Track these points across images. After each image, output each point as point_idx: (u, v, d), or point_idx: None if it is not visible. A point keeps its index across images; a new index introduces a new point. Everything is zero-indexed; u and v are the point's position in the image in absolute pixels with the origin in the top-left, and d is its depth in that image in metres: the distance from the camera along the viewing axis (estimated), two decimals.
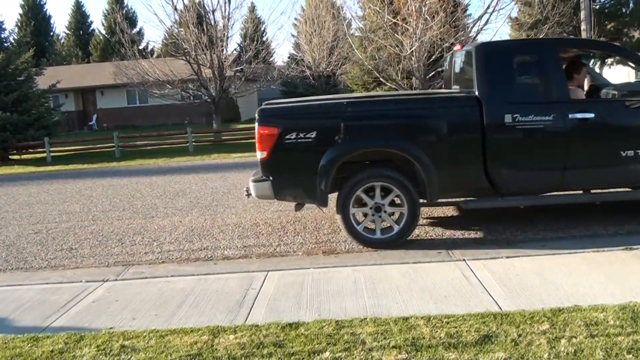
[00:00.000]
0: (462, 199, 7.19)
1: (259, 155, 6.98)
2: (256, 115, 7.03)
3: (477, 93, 6.93)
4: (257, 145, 7.02)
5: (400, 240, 6.92)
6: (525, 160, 7.00)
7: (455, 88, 8.12)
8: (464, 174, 7.00)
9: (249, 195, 7.75)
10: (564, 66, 7.40)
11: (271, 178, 6.99)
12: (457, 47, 8.37)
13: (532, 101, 7.01)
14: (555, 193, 7.45)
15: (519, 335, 4.27)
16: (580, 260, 5.99)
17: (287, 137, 6.82)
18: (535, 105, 6.90)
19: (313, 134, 6.81)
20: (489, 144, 6.83)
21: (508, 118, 6.79)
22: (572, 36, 29.04)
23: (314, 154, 6.82)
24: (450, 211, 8.49)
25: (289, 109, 7.66)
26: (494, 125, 6.81)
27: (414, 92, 8.11)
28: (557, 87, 7.02)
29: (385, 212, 6.91)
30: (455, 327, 4.47)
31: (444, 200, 7.57)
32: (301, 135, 6.81)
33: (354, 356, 4.14)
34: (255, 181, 7.12)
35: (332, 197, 7.25)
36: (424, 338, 4.33)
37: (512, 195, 7.15)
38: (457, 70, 8.28)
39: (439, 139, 6.95)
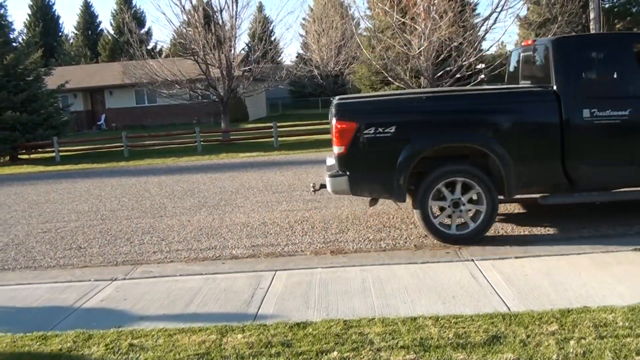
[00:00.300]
0: (539, 195, 7.15)
1: (337, 150, 6.89)
2: (333, 109, 6.96)
3: (555, 87, 6.87)
4: (333, 140, 6.96)
5: (478, 236, 6.86)
6: (602, 155, 6.95)
7: (525, 84, 8.00)
8: (542, 169, 6.93)
9: (316, 190, 7.82)
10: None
11: (348, 173, 6.91)
12: (526, 42, 8.25)
13: (610, 96, 6.94)
14: (631, 189, 7.36)
15: (528, 336, 4.26)
16: (589, 260, 5.96)
17: (366, 131, 6.74)
18: (613, 100, 6.84)
19: (392, 129, 6.72)
20: (567, 139, 6.77)
21: (586, 113, 6.74)
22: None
23: (393, 148, 6.76)
24: None
25: (368, 103, 7.60)
26: (572, 120, 6.76)
27: (493, 86, 8.00)
28: (633, 82, 6.96)
29: (464, 207, 6.84)
30: (464, 328, 4.47)
31: (520, 196, 7.49)
32: (380, 130, 6.72)
33: (362, 356, 4.14)
34: (331, 176, 7.03)
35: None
36: (432, 338, 4.32)
37: (588, 191, 7.07)
38: (525, 65, 8.16)
39: (518, 134, 6.89)
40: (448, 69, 22.75)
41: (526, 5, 27.95)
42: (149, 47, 33.31)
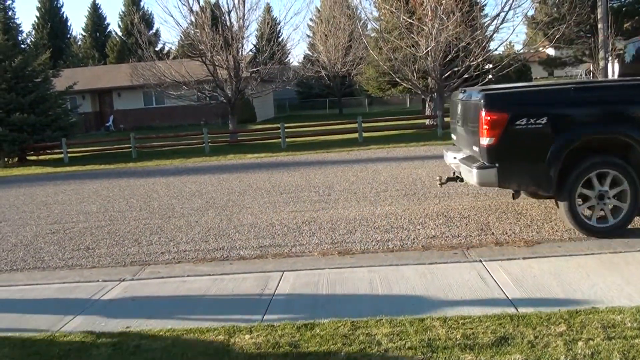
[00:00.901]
0: None
1: (486, 141, 6.78)
2: (481, 100, 6.83)
3: None
4: (482, 131, 6.82)
5: (622, 229, 6.77)
6: None
7: None
8: None
9: (442, 184, 7.96)
10: None
11: (497, 165, 6.81)
12: None
13: None
14: None
15: (536, 337, 4.24)
16: (597, 261, 5.94)
17: (517, 122, 6.65)
18: None
19: (543, 120, 6.62)
20: None
21: None
22: (588, 35, 28.88)
23: (544, 140, 6.66)
24: (466, 211, 8.46)
25: (520, 94, 7.55)
26: None
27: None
28: None
29: (608, 200, 6.74)
30: (472, 329, 4.46)
31: None
32: (531, 121, 6.63)
33: (369, 357, 4.14)
34: (480, 168, 6.90)
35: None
36: (439, 339, 4.32)
37: None
38: None
39: None
40: (456, 69, 22.74)
41: (534, 4, 27.92)
42: (157, 49, 33.36)
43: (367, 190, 10.96)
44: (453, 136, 8.70)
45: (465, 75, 22.67)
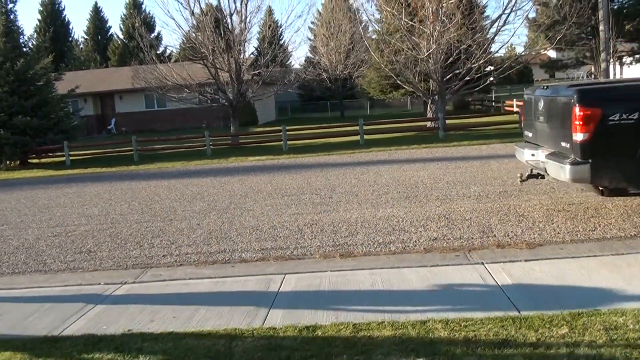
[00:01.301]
0: None
1: (579, 137, 6.78)
2: (574, 96, 6.83)
3: None
4: (574, 127, 6.82)
5: None
6: None
7: None
8: None
9: (523, 181, 8.05)
10: None
11: (590, 161, 6.79)
12: None
13: None
14: None
15: (538, 339, 4.24)
16: (599, 263, 5.93)
17: (610, 118, 6.66)
18: None
19: (635, 115, 6.65)
20: None
21: None
22: (590, 37, 28.86)
23: (636, 135, 6.68)
24: (468, 214, 8.46)
25: (612, 89, 7.56)
26: None
27: None
28: None
29: None
30: (474, 331, 4.45)
31: None
32: (624, 116, 6.65)
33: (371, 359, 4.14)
34: (573, 164, 6.88)
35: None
36: (441, 342, 4.31)
37: None
38: None
39: None
40: (457, 71, 22.74)
41: (535, 7, 27.93)
42: (158, 52, 33.37)
43: (369, 192, 10.96)
44: (528, 133, 8.68)
45: (467, 78, 22.69)
